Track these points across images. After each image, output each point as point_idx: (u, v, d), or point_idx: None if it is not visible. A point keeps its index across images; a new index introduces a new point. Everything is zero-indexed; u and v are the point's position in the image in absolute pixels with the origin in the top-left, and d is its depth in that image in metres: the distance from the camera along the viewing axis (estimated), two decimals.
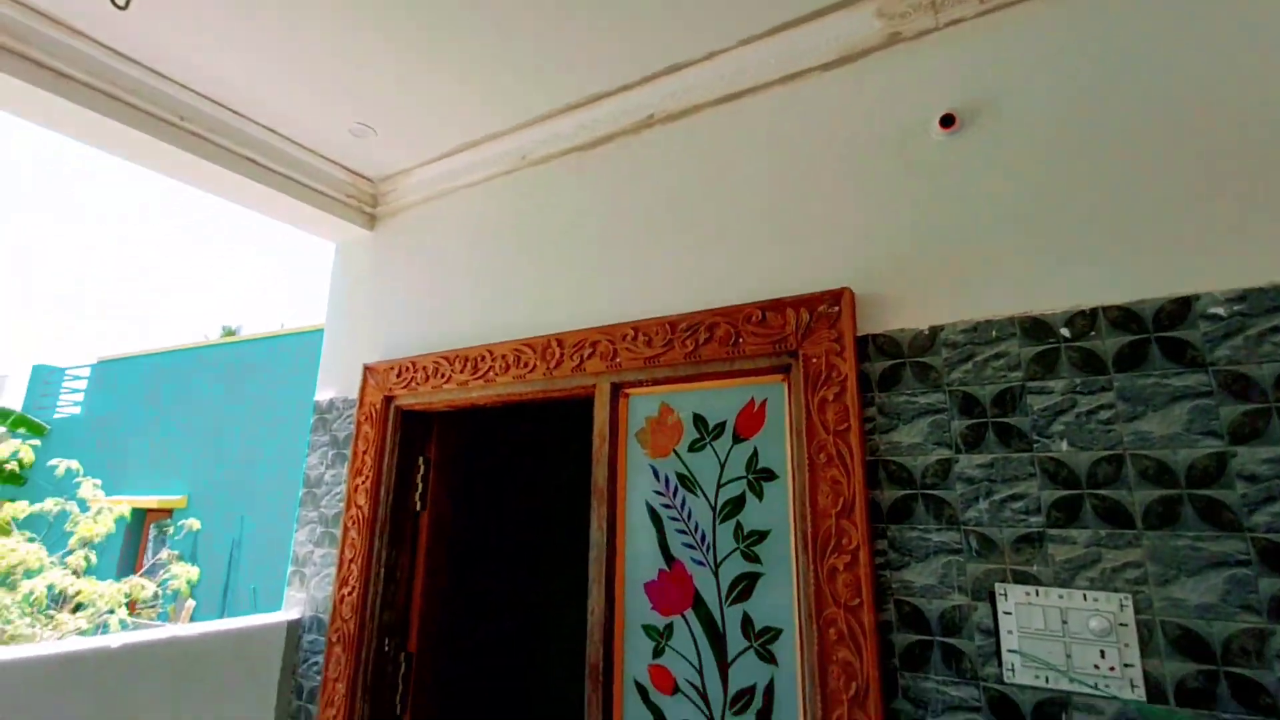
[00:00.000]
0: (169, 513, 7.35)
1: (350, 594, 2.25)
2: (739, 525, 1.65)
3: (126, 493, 7.73)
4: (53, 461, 4.20)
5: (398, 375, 2.39)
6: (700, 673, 1.61)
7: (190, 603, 4.30)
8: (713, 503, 1.70)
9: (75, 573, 3.56)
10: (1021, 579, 1.29)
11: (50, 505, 3.98)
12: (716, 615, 1.63)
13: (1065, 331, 1.35)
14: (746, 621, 1.58)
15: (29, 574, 3.43)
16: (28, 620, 3.18)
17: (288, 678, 2.32)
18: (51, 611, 3.43)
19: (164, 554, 4.22)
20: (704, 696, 1.59)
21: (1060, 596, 1.25)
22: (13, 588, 3.28)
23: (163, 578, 3.97)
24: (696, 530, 1.71)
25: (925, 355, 1.48)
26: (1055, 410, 1.33)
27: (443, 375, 2.27)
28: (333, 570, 2.37)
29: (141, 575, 3.88)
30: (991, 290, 1.45)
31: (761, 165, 1.84)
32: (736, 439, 1.71)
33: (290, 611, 2.42)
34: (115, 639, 1.95)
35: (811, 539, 1.47)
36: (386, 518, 2.32)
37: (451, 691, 2.47)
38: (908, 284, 1.54)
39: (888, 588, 1.41)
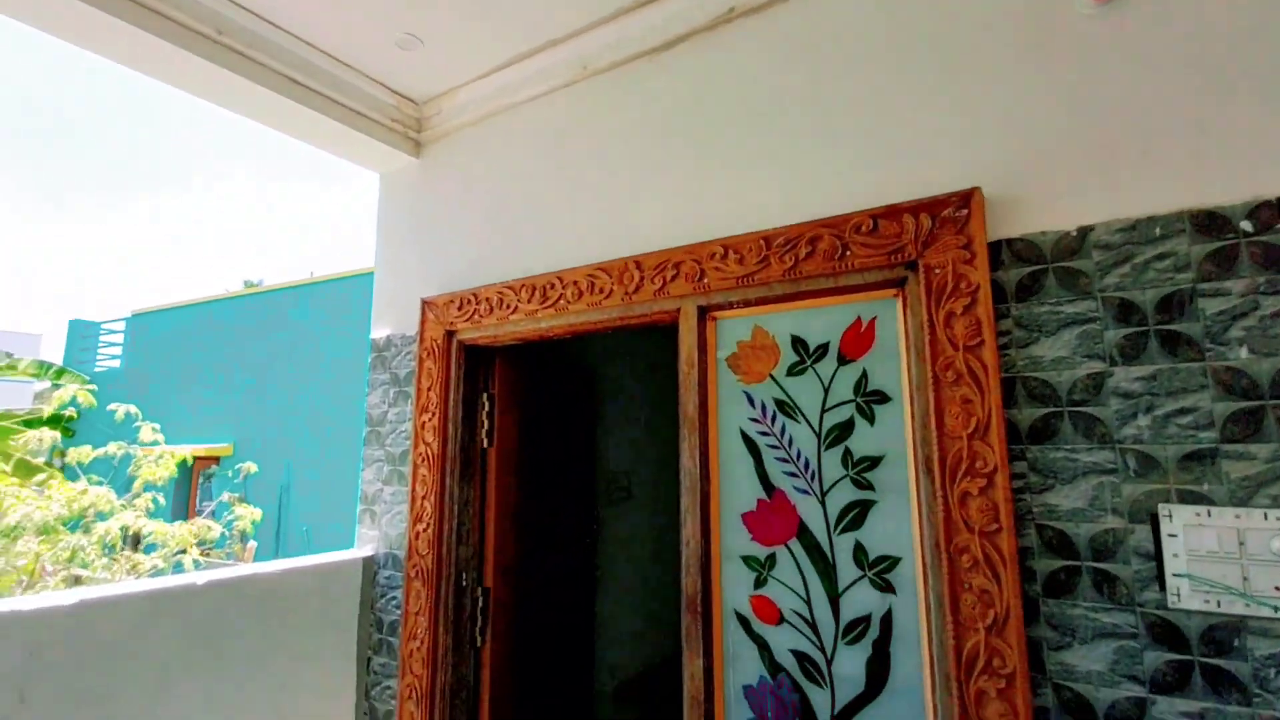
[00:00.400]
0: (216, 460, 7.53)
1: (425, 530, 2.22)
2: (847, 451, 1.55)
3: (173, 442, 7.90)
4: (112, 406, 4.24)
5: (459, 308, 2.29)
6: (808, 603, 1.55)
7: (253, 544, 4.42)
8: (817, 429, 1.60)
9: (143, 514, 3.65)
10: (1189, 499, 1.17)
11: (114, 449, 4.04)
12: (825, 544, 1.55)
13: (1246, 225, 1.19)
14: (859, 550, 1.50)
15: (101, 516, 3.51)
16: (105, 561, 3.27)
17: (366, 612, 2.33)
18: (126, 552, 3.52)
19: (225, 496, 4.30)
20: (813, 626, 1.53)
21: (1237, 516, 1.13)
22: (87, 530, 3.36)
23: (227, 519, 4.05)
24: (799, 458, 1.61)
25: (1072, 260, 1.32)
26: (1233, 314, 1.18)
27: (508, 306, 2.16)
28: (403, 507, 2.34)
29: (206, 517, 3.96)
30: (1152, 183, 1.28)
31: (868, 54, 1.64)
32: (842, 360, 1.59)
33: (364, 548, 2.41)
34: (200, 576, 1.94)
35: (939, 463, 1.36)
36: (456, 454, 2.26)
37: (524, 623, 2.47)
38: (1049, 181, 1.38)
39: (1027, 512, 1.30)
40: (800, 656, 1.54)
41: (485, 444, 2.38)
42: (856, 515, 1.52)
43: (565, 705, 2.78)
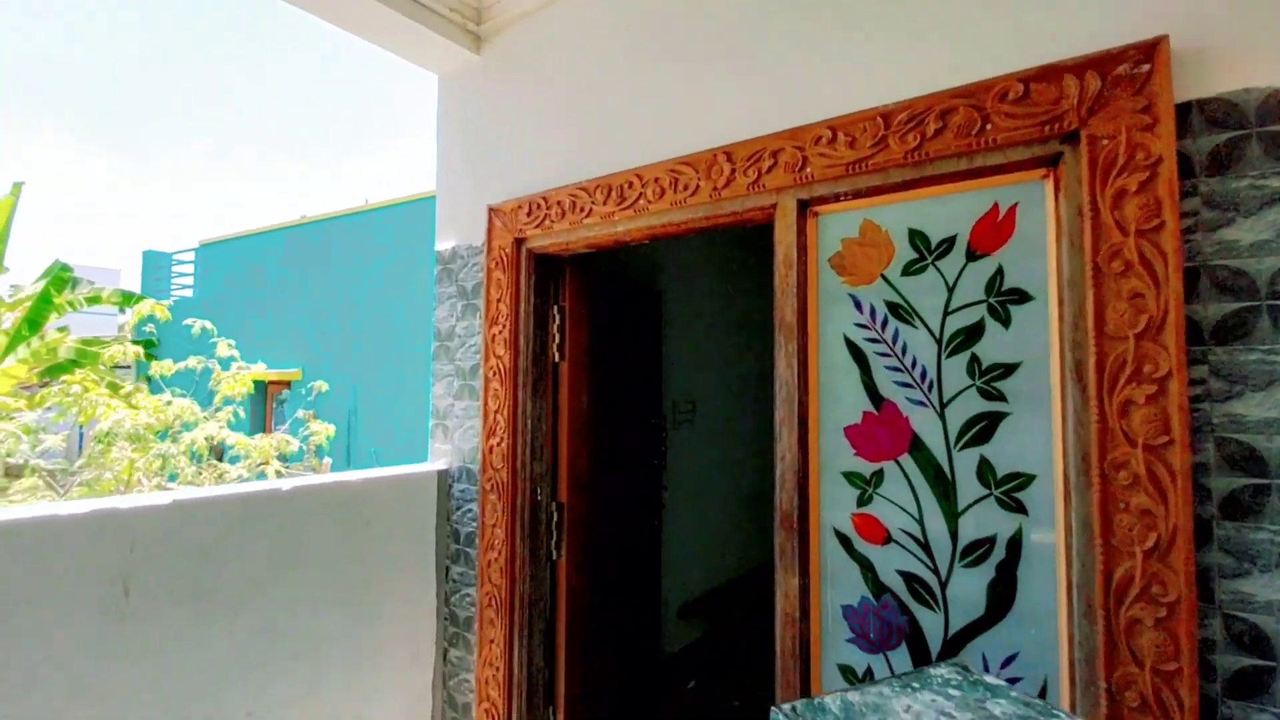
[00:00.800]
0: (287, 385, 7.85)
1: (499, 444, 2.18)
2: (974, 358, 1.37)
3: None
4: (188, 321, 4.38)
5: (528, 214, 2.15)
6: (920, 522, 1.42)
7: (328, 460, 4.59)
8: (937, 334, 1.42)
9: (227, 425, 3.81)
10: None
11: (194, 362, 4.20)
12: (942, 461, 1.40)
13: None
14: (984, 467, 1.35)
15: (186, 428, 3.68)
16: (194, 470, 3.44)
17: (444, 523, 2.34)
18: (212, 462, 3.71)
19: (300, 413, 4.45)
20: (925, 547, 1.41)
21: None
22: (174, 440, 3.53)
23: (303, 434, 4.21)
24: (914, 366, 1.45)
25: None
26: None
27: (582, 209, 2.01)
28: (475, 422, 2.30)
29: (284, 431, 4.12)
30: None
31: None
32: (972, 256, 1.39)
33: (438, 462, 2.40)
34: (285, 483, 1.96)
35: (1094, 369, 1.18)
36: (528, 368, 2.18)
37: (597, 539, 2.45)
38: (1252, 27, 1.11)
39: (1205, 423, 1.12)
40: (909, 578, 1.43)
41: (556, 358, 2.30)
42: (983, 429, 1.36)
43: (634, 619, 2.80)
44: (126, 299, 7.49)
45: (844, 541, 1.52)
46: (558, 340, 2.30)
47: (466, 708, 2.26)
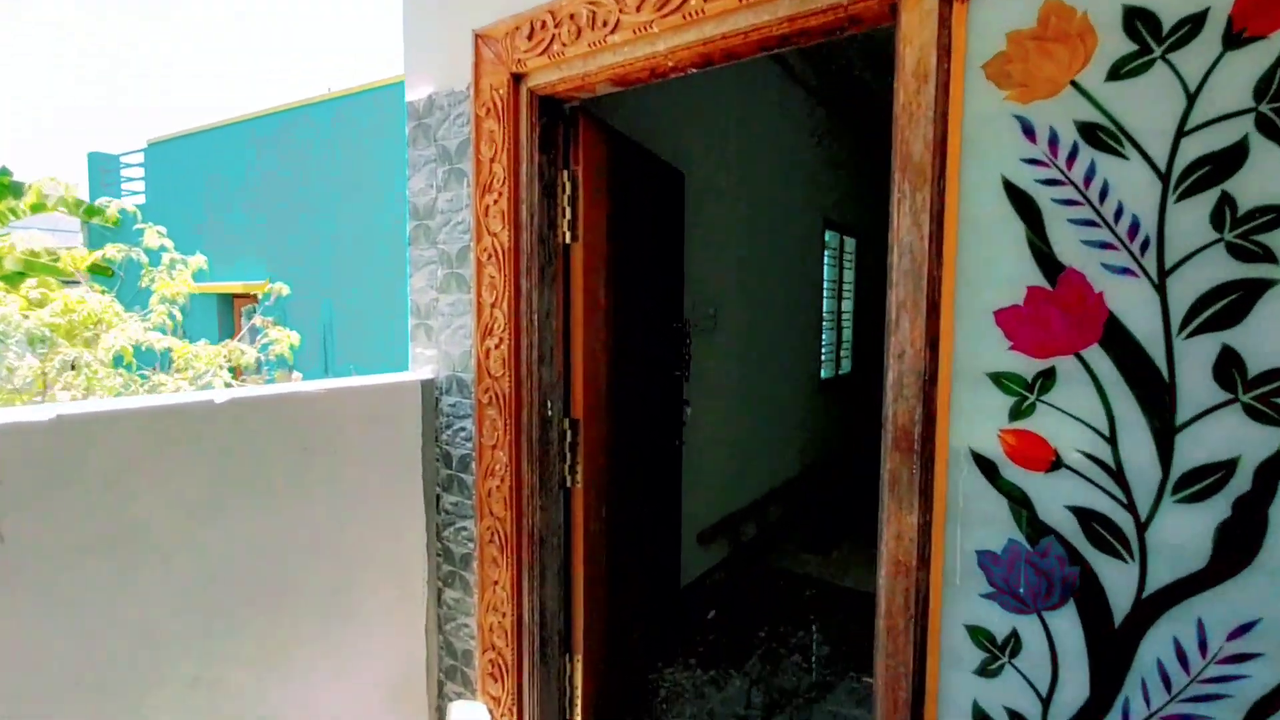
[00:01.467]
0: (255, 298, 7.24)
1: (498, 346, 1.72)
2: (1225, 200, 0.91)
3: (208, 279, 7.61)
4: (139, 225, 3.72)
5: (529, 36, 1.60)
6: (1111, 441, 1.01)
7: (296, 374, 4.13)
8: (1162, 166, 0.95)
9: (161, 330, 3.28)
10: None
11: (113, 252, 3.56)
12: (1156, 353, 0.97)
13: None
14: (1228, 361, 0.92)
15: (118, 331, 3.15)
16: (120, 381, 2.94)
17: (430, 444, 1.91)
18: (145, 372, 3.20)
19: (257, 319, 3.88)
20: (1116, 475, 1.00)
21: None
22: (91, 344, 3.00)
23: (262, 343, 3.68)
24: (1117, 217, 0.99)
25: None
26: None
27: (604, 23, 1.46)
28: (466, 320, 1.83)
29: (238, 341, 3.59)
30: None
31: None
32: (1233, 40, 0.90)
33: (420, 370, 1.95)
34: (220, 394, 1.50)
35: None
36: (532, 248, 1.69)
37: (618, 461, 2.05)
38: None
39: None
40: (1086, 515, 1.03)
41: (567, 238, 1.80)
42: (1231, 306, 0.92)
43: (656, 551, 2.46)
44: (75, 206, 6.72)
45: (985, 467, 1.11)
46: (569, 216, 1.79)
47: (468, 655, 1.92)
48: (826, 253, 4.64)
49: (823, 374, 4.71)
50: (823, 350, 4.68)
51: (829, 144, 4.49)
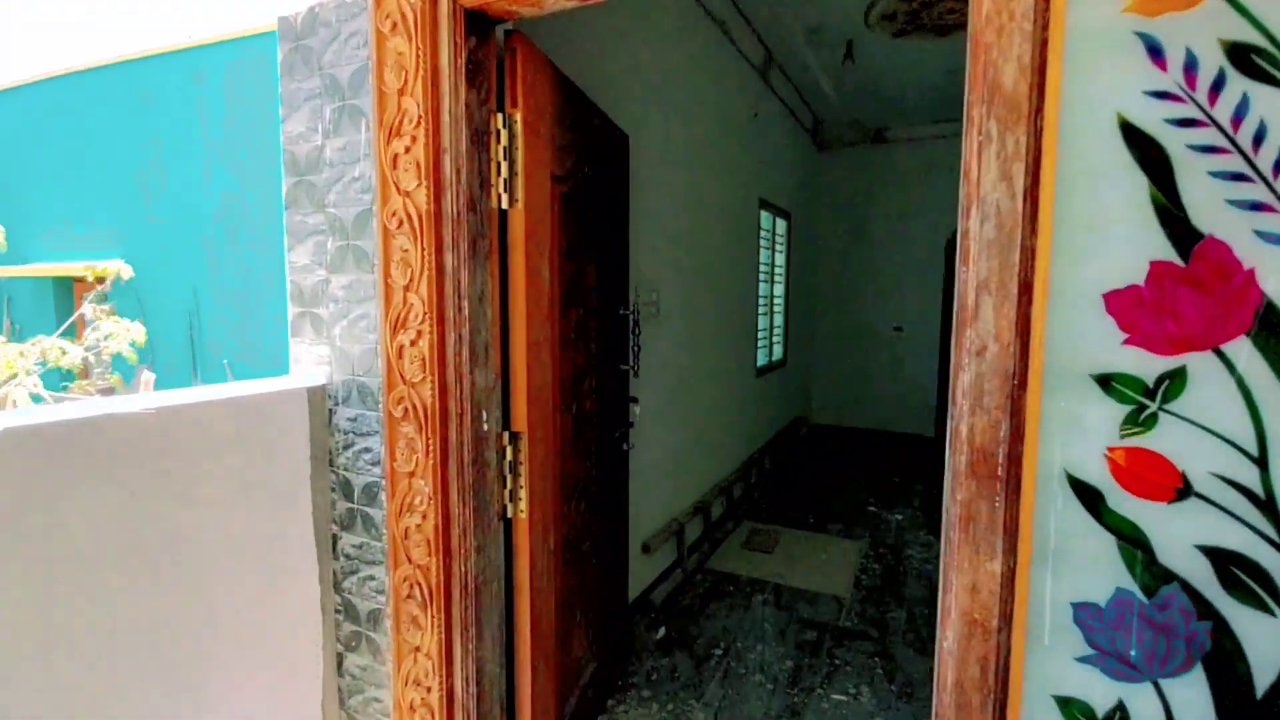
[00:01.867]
0: (101, 281, 6.08)
1: (414, 342, 1.31)
2: None
3: (39, 260, 6.41)
4: None
5: None
6: (1260, 463, 0.78)
7: (149, 375, 3.40)
8: None
9: None
10: None
11: None
12: None
13: None
14: None
15: None
16: None
17: (323, 471, 1.47)
18: None
19: (88, 309, 3.10)
20: (1266, 506, 0.78)
21: None
22: None
23: (91, 340, 2.92)
24: (1279, 169, 0.75)
25: None
26: None
27: None
28: (370, 307, 1.40)
29: (59, 336, 2.83)
30: None
31: None
32: None
33: (307, 374, 1.49)
34: (18, 416, 1.00)
35: None
36: (460, 214, 1.29)
37: (564, 477, 1.69)
38: None
39: None
40: (1223, 557, 0.80)
41: (504, 202, 1.41)
42: None
43: (606, 574, 2.12)
44: None
45: (1087, 496, 0.86)
46: (505, 173, 1.40)
47: None
48: (761, 234, 4.44)
49: (758, 361, 4.53)
50: (759, 336, 4.50)
51: (764, 120, 4.27)
